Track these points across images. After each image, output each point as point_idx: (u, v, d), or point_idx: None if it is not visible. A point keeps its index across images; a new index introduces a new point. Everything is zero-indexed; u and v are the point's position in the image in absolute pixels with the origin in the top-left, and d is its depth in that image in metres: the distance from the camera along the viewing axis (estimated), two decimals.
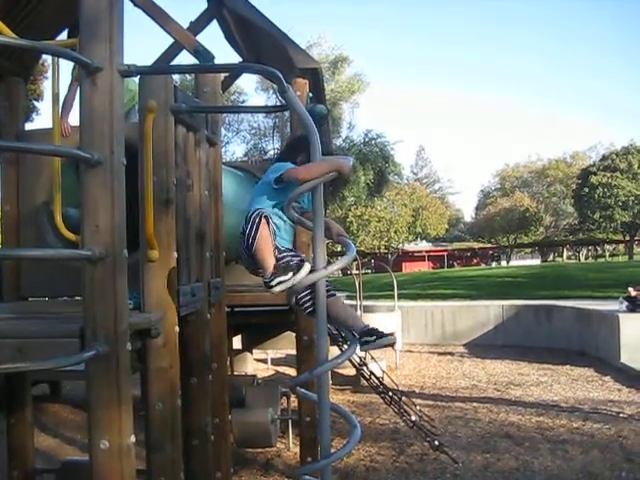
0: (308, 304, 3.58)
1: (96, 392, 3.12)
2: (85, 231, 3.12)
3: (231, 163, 9.30)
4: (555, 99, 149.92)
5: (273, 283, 3.41)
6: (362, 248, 60.12)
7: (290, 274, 3.36)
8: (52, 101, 4.08)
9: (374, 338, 3.50)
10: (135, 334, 3.84)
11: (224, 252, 5.86)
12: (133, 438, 3.22)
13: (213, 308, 5.26)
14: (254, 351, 12.43)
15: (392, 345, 3.63)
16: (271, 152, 47.01)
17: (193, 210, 4.65)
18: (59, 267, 4.90)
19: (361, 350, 3.61)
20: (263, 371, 14.12)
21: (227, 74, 9.37)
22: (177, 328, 4.03)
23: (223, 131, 50.51)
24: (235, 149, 56.11)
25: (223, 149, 48.85)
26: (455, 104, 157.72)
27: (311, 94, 7.52)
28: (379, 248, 62.62)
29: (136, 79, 4.33)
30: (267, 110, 15.62)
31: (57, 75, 4.21)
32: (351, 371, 11.31)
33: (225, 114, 50.04)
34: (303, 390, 3.59)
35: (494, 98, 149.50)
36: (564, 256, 73.08)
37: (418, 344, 18.27)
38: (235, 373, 10.89)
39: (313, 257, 3.31)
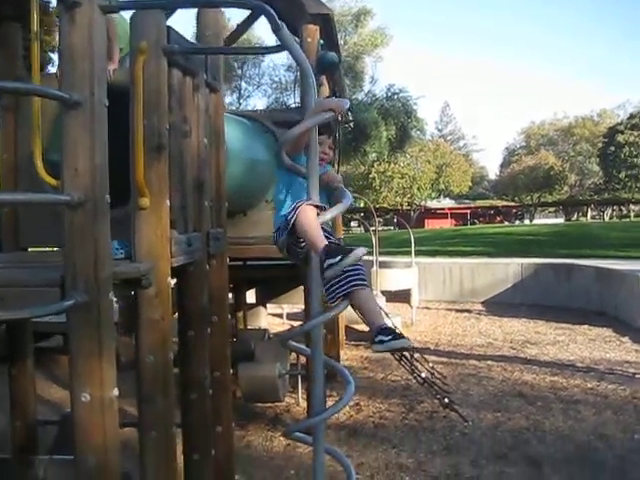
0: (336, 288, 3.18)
1: (76, 343, 3.00)
2: (64, 175, 2.97)
3: (238, 112, 9.11)
4: (583, 58, 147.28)
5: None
6: (385, 205, 59.89)
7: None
8: (31, 39, 3.91)
9: (389, 338, 3.17)
10: (125, 284, 3.73)
11: (230, 203, 5.73)
12: (116, 391, 3.11)
13: (214, 260, 5.13)
14: (270, 306, 12.35)
15: (407, 350, 3.21)
16: (292, 106, 46.59)
17: (190, 157, 4.48)
18: (58, 217, 4.77)
19: (374, 350, 3.25)
20: (278, 326, 14.04)
21: (239, 24, 9.16)
22: (170, 278, 3.89)
23: (244, 85, 50.19)
24: (256, 103, 55.82)
25: (243, 103, 48.74)
26: (480, 65, 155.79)
27: (322, 41, 7.31)
28: (401, 205, 62.33)
29: None
30: (262, 51, 15.23)
31: (36, 11, 4.01)
32: (365, 327, 11.18)
33: (246, 67, 49.72)
34: (295, 344, 3.44)
35: (521, 59, 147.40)
36: (588, 216, 72.20)
37: (435, 301, 18.13)
38: (248, 327, 10.82)
39: None
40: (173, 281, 4.18)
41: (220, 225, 5.25)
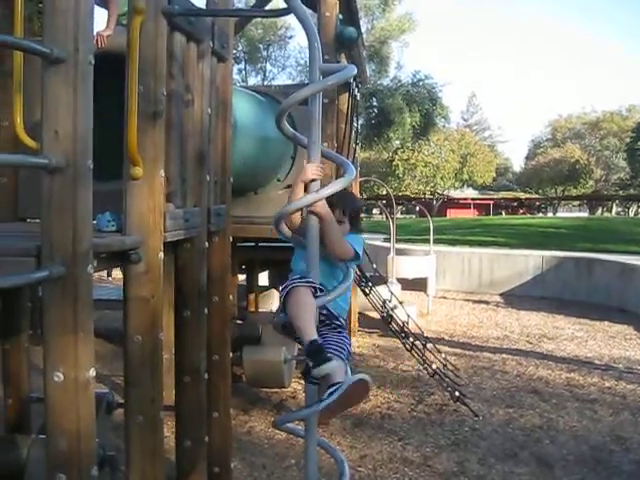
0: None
1: (50, 317, 2.77)
2: (43, 137, 2.73)
3: (251, 87, 8.86)
4: (613, 51, 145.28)
5: None
6: (407, 193, 59.58)
7: None
8: None
9: (313, 364, 2.74)
10: (113, 259, 3.50)
11: (240, 181, 5.50)
12: (93, 372, 2.87)
13: (215, 237, 4.89)
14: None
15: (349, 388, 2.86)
16: None
17: (192, 128, 4.22)
18: None
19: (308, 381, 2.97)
20: None
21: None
22: (162, 255, 3.65)
23: (268, 66, 49.91)
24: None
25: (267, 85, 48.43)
26: (508, 57, 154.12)
27: (341, 15, 7.03)
28: (424, 193, 61.98)
29: None
30: (269, 15, 14.86)
31: None
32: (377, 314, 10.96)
33: (271, 49, 49.43)
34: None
35: (550, 53, 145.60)
36: (613, 211, 71.34)
37: (453, 291, 17.87)
38: (260, 310, 10.62)
39: None
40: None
41: (224, 201, 5.00)
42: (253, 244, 8.97)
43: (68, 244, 2.75)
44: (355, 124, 8.63)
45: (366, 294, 8.70)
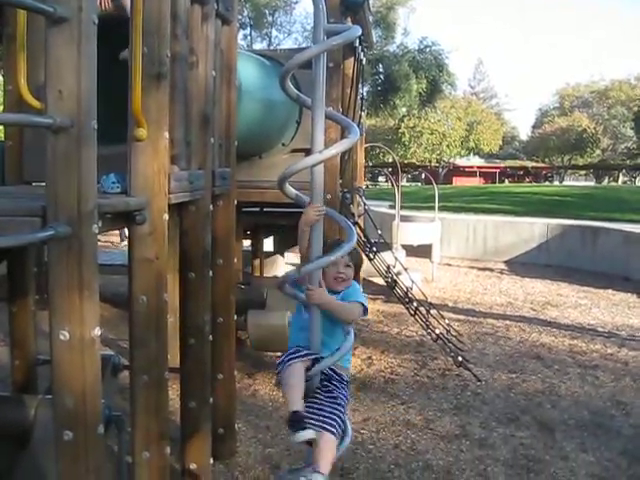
0: None
1: (55, 277, 2.79)
2: (47, 97, 2.73)
3: (256, 50, 8.80)
4: (623, 18, 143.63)
5: None
6: (413, 160, 59.37)
7: None
8: None
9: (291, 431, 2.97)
10: (118, 219, 3.52)
11: (244, 145, 5.50)
12: (98, 330, 2.90)
13: (220, 200, 4.90)
14: (288, 255, 12.15)
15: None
16: None
17: (196, 90, 4.22)
18: None
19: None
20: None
21: None
22: (166, 216, 3.66)
23: (274, 32, 49.48)
24: None
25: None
26: (516, 24, 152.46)
27: None
28: (430, 161, 61.73)
29: None
30: None
31: None
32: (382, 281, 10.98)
33: (277, 15, 48.96)
34: (291, 289, 3.22)
35: (558, 20, 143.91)
36: (619, 180, 70.98)
37: (457, 258, 17.88)
38: (265, 276, 10.65)
39: (311, 138, 2.88)
40: None
41: (228, 165, 5.01)
42: (258, 209, 8.97)
43: (73, 204, 2.76)
44: (361, 90, 8.57)
45: (370, 259, 8.70)
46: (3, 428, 4.41)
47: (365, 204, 9.78)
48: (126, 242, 3.89)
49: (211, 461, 4.84)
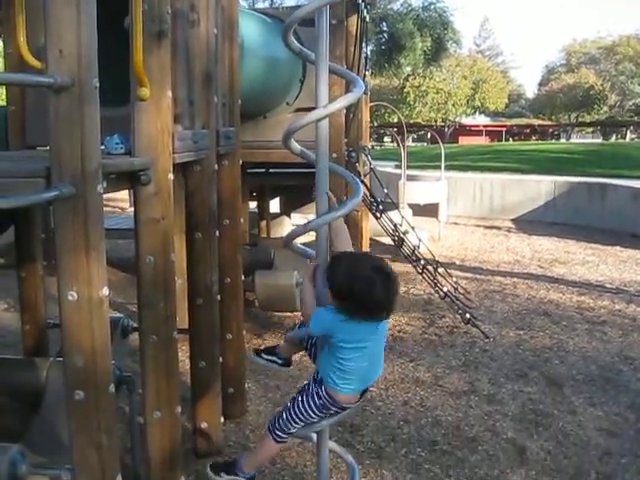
0: None
1: (62, 238, 2.79)
2: (48, 56, 2.70)
3: (260, 9, 8.70)
4: None
5: None
6: (418, 120, 58.92)
7: None
8: None
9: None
10: (123, 180, 3.50)
11: (248, 104, 5.44)
12: (106, 290, 2.90)
13: (225, 160, 4.87)
14: (295, 216, 12.14)
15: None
16: None
17: (198, 48, 4.17)
18: None
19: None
20: (303, 236, 13.83)
21: None
22: (171, 176, 3.64)
23: None
24: None
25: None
26: None
27: None
28: (436, 121, 61.25)
29: None
30: None
31: None
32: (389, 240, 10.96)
33: None
34: (299, 245, 3.19)
35: None
36: (627, 137, 70.35)
37: (464, 217, 17.82)
38: (272, 237, 10.65)
39: (315, 92, 2.83)
40: None
41: (232, 124, 4.97)
42: (263, 170, 8.93)
43: (77, 164, 2.75)
44: (364, 49, 8.47)
45: (377, 218, 8.68)
46: (15, 390, 4.45)
47: (371, 163, 9.72)
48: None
49: (222, 420, 4.88)
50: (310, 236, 3.21)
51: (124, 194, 17.55)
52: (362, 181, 8.27)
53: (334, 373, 2.93)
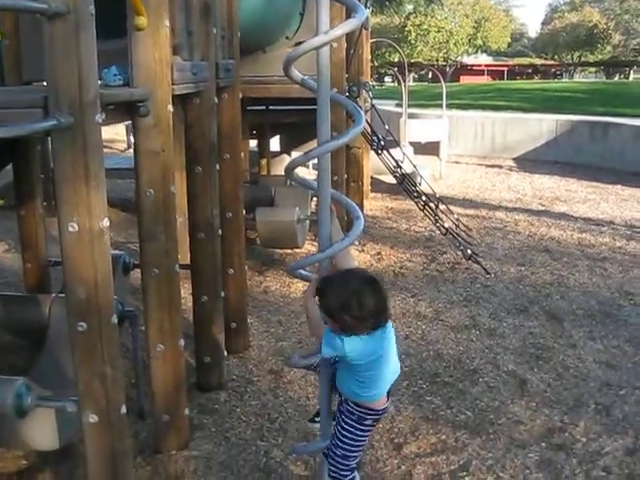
0: None
1: (61, 168, 2.76)
2: None
3: None
4: None
5: None
6: (420, 59, 58.20)
7: None
8: None
9: None
10: (122, 111, 3.46)
11: (247, 38, 5.34)
12: (107, 222, 2.89)
13: (224, 93, 4.81)
14: (295, 154, 12.06)
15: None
16: None
17: None
18: None
19: None
20: (305, 175, 13.77)
21: None
22: (170, 107, 3.60)
23: None
24: None
25: None
26: None
27: None
28: (437, 60, 60.50)
29: None
30: None
31: None
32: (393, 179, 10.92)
33: None
34: (300, 177, 3.16)
35: None
36: (630, 77, 69.47)
37: (465, 155, 17.74)
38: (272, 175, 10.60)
39: (316, 19, 2.77)
40: None
41: (232, 57, 4.89)
42: (263, 107, 8.84)
43: (74, 93, 2.70)
44: None
45: (378, 154, 8.63)
46: (19, 327, 4.49)
47: (372, 99, 9.62)
48: (132, 149, 3.83)
49: (225, 354, 4.92)
50: None
51: (122, 135, 17.47)
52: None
53: (355, 386, 2.97)
